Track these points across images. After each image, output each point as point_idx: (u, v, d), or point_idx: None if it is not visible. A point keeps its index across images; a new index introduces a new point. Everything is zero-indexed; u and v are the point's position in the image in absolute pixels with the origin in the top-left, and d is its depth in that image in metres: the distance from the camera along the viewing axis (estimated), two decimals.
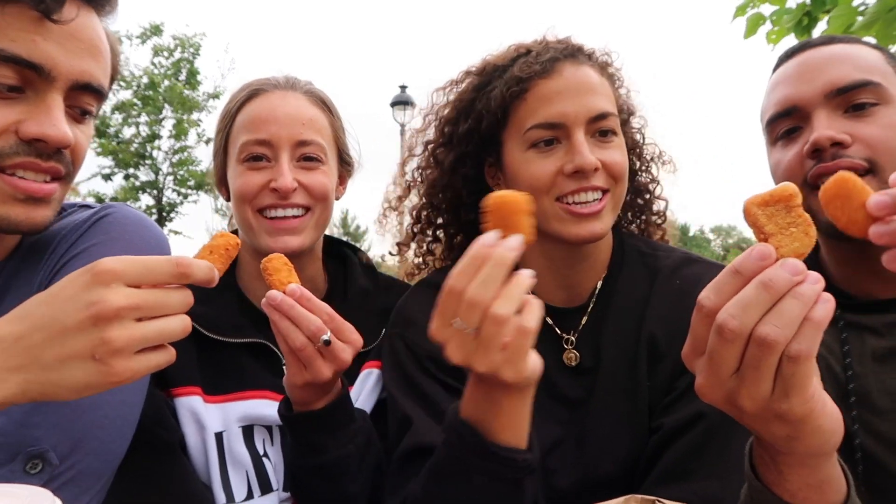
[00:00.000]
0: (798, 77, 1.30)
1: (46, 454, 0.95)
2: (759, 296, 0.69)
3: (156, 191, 18.21)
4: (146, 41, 18.07)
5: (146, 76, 17.70)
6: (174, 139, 18.24)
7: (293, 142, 1.37)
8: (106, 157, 17.53)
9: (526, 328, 0.84)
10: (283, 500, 1.35)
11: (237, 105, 1.43)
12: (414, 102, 15.51)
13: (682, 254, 1.35)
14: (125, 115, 17.72)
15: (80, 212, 1.21)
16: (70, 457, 0.98)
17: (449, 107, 1.40)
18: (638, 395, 1.22)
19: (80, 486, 0.99)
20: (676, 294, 1.25)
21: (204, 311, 1.33)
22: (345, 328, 1.12)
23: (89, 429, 1.01)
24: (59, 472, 0.96)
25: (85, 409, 1.01)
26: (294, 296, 1.08)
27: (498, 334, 0.82)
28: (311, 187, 1.38)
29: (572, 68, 1.25)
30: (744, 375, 0.71)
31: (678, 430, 1.15)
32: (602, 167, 1.22)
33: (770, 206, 0.75)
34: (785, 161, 1.30)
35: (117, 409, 1.05)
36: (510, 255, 0.83)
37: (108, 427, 1.03)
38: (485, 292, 0.82)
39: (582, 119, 1.22)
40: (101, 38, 1.08)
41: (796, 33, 3.79)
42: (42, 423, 0.97)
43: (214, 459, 1.31)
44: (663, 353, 1.22)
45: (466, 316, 0.82)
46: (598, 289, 1.33)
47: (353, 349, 1.13)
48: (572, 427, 1.24)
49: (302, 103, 1.41)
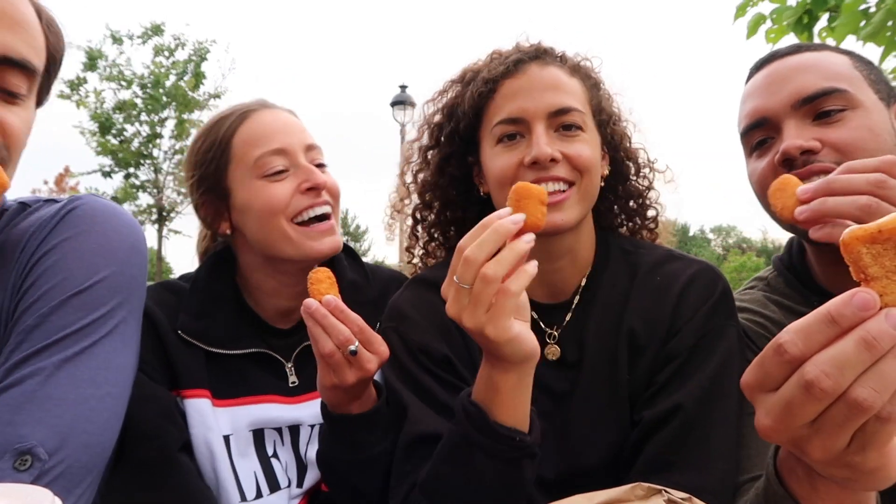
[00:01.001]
0: (766, 88, 1.34)
1: (35, 450, 0.95)
2: (858, 355, 0.62)
3: (156, 190, 18.24)
4: (147, 41, 18.11)
5: (151, 75, 17.76)
6: (175, 139, 18.28)
7: (304, 145, 1.44)
8: (106, 156, 17.56)
9: (508, 289, 0.95)
10: (293, 497, 1.40)
11: (230, 130, 1.45)
12: (414, 102, 15.54)
13: (665, 251, 1.39)
14: (126, 114, 17.75)
15: (46, 206, 1.18)
16: (58, 452, 0.97)
17: (438, 113, 1.49)
18: (618, 387, 1.26)
19: (71, 480, 0.99)
20: (655, 289, 1.30)
21: (203, 327, 1.39)
22: (374, 340, 1.19)
23: (76, 423, 1.00)
24: (49, 468, 0.96)
25: (70, 403, 1.00)
26: (328, 306, 1.16)
27: (484, 292, 0.94)
28: (331, 186, 1.45)
29: (537, 68, 1.31)
30: (821, 429, 0.66)
31: (658, 422, 1.18)
32: (565, 159, 1.26)
33: (878, 244, 0.64)
34: (759, 170, 1.34)
35: (103, 403, 1.05)
36: (509, 226, 0.95)
37: (95, 420, 1.03)
38: (479, 253, 0.94)
39: (542, 113, 1.27)
40: (17, 10, 1.02)
41: (796, 32, 3.77)
42: (28, 419, 0.96)
43: (224, 461, 1.34)
44: (643, 347, 1.27)
45: (462, 273, 0.96)
46: (581, 286, 1.37)
47: (378, 360, 1.19)
48: (556, 419, 1.28)
49: (289, 117, 1.50)
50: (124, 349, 1.11)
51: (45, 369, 1.00)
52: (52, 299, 1.05)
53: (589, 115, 1.33)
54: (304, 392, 1.45)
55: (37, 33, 1.06)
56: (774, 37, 3.84)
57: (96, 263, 1.09)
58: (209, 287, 1.46)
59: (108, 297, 1.09)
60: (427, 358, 1.29)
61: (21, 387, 0.99)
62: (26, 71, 1.03)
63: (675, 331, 1.24)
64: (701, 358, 1.21)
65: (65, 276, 1.07)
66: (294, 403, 1.44)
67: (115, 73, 17.67)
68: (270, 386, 1.42)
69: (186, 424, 1.34)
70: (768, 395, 0.68)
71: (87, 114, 17.30)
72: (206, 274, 1.48)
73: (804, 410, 0.65)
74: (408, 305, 1.37)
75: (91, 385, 1.04)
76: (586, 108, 1.33)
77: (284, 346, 1.47)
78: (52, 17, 1.10)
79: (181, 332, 1.37)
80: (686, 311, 1.25)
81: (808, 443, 0.67)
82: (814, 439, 0.67)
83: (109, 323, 1.09)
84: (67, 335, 1.03)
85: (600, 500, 0.76)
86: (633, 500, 0.76)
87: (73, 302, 1.05)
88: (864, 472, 0.68)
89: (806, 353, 0.65)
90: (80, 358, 1.04)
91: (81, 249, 1.10)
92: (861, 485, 0.72)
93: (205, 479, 1.34)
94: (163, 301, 1.41)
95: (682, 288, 1.27)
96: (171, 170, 18.32)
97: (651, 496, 0.75)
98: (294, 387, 1.45)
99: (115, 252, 1.12)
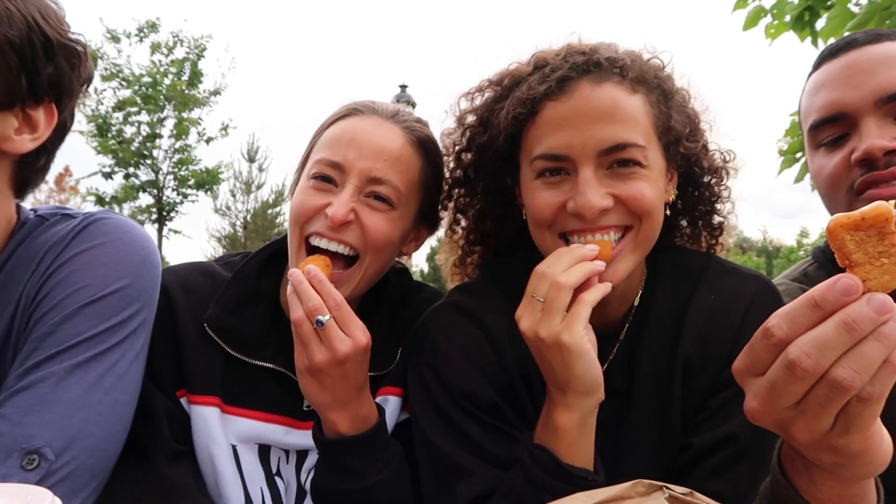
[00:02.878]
0: (846, 81, 1.23)
1: (42, 450, 0.96)
2: (839, 337, 0.64)
3: (156, 190, 18.23)
4: (144, 39, 18.08)
5: (148, 75, 17.73)
6: (174, 138, 18.27)
7: (366, 175, 1.24)
8: (106, 155, 17.55)
9: (583, 298, 0.99)
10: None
11: (330, 121, 1.35)
12: (414, 102, 15.53)
13: (717, 264, 1.27)
14: (125, 113, 17.74)
15: (63, 221, 1.20)
16: (65, 453, 0.99)
17: (471, 113, 1.31)
18: (671, 414, 1.18)
19: (77, 482, 1.00)
20: (713, 311, 1.20)
21: (233, 325, 1.29)
22: (350, 320, 1.12)
23: (83, 426, 1.02)
24: (56, 469, 0.97)
25: (79, 407, 1.02)
26: (308, 275, 1.11)
27: (558, 298, 0.97)
28: (367, 228, 1.24)
29: (588, 87, 1.09)
30: (805, 410, 0.67)
31: (708, 450, 1.12)
32: (618, 203, 1.08)
33: (861, 231, 0.66)
34: (829, 167, 1.26)
35: (111, 409, 1.06)
36: (586, 251, 1.01)
37: (102, 425, 1.04)
38: (555, 267, 1.00)
39: (591, 152, 1.07)
40: None
41: (796, 29, 3.77)
42: (37, 421, 0.98)
43: (232, 473, 1.28)
44: (696, 372, 1.18)
45: (537, 285, 1.00)
46: (633, 313, 1.25)
47: (352, 344, 1.10)
48: (604, 450, 1.18)
49: (394, 136, 1.28)
50: (134, 359, 1.13)
51: (56, 374, 1.02)
52: (65, 308, 1.07)
53: (653, 144, 1.12)
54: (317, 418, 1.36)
55: None
56: (774, 32, 3.84)
57: (109, 275, 1.12)
58: (253, 281, 1.34)
59: (121, 308, 1.11)
60: (471, 403, 1.16)
61: (32, 390, 1.00)
62: None
63: (736, 356, 1.18)
64: None
65: (78, 286, 1.09)
66: (304, 430, 1.32)
67: (115, 72, 17.65)
68: (284, 406, 1.32)
69: (189, 428, 1.28)
70: (756, 378, 0.71)
71: (86, 116, 17.28)
72: (256, 266, 1.36)
73: (788, 391, 0.67)
74: (443, 339, 1.22)
75: (100, 391, 1.05)
76: (650, 134, 1.11)
77: None
78: None
79: (207, 327, 1.27)
80: (749, 335, 1.15)
81: (793, 425, 0.69)
82: (798, 421, 0.68)
83: (121, 333, 1.11)
84: (79, 342, 1.05)
85: (602, 497, 0.76)
86: (634, 497, 0.76)
87: (86, 311, 1.08)
88: (850, 455, 0.70)
89: (790, 335, 0.67)
90: (91, 364, 1.06)
91: (95, 262, 1.13)
92: (849, 471, 0.73)
93: (206, 488, 1.29)
94: (192, 285, 1.31)
95: (744, 310, 1.17)
96: (170, 169, 18.32)
97: (652, 492, 0.75)
98: (308, 411, 1.33)
99: (127, 265, 1.15)
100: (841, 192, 1.26)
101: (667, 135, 1.15)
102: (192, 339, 1.28)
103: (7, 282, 1.12)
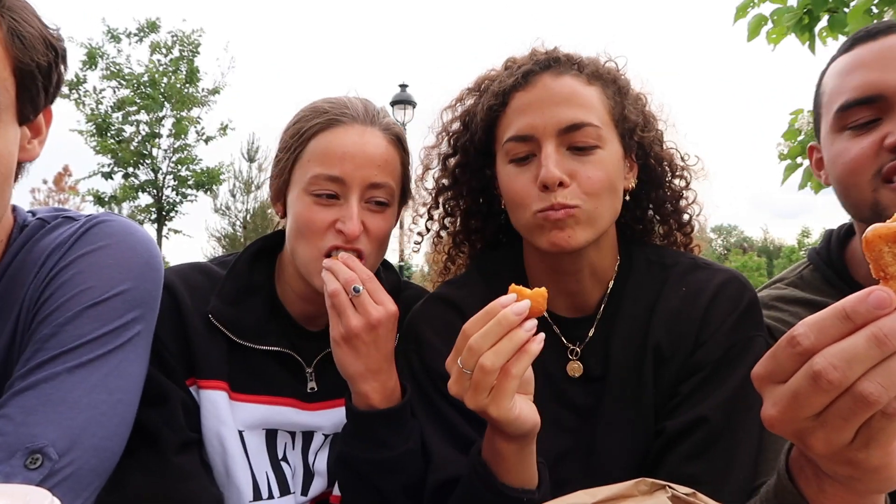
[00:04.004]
0: (885, 63, 1.20)
1: (45, 449, 0.96)
2: (868, 351, 0.62)
3: (155, 190, 18.22)
4: (143, 39, 18.07)
5: (147, 74, 17.72)
6: (174, 138, 18.26)
7: (365, 184, 1.34)
8: (105, 155, 17.53)
9: (509, 371, 0.96)
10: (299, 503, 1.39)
11: (311, 131, 1.38)
12: (414, 101, 15.53)
13: (689, 259, 1.34)
14: (124, 113, 17.73)
15: (65, 224, 1.19)
16: (69, 453, 0.99)
17: (456, 121, 1.45)
18: (643, 401, 1.24)
19: (80, 482, 1.00)
20: (681, 300, 1.26)
21: (233, 315, 1.36)
22: (380, 291, 1.25)
23: (87, 426, 1.02)
24: (59, 468, 0.97)
25: (82, 407, 1.02)
26: (342, 258, 1.27)
27: (483, 380, 0.96)
28: (372, 231, 1.36)
29: (549, 79, 1.24)
30: (826, 421, 0.66)
31: (680, 434, 1.17)
32: (575, 179, 1.19)
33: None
34: (854, 151, 1.21)
35: (114, 409, 1.07)
36: (512, 318, 0.96)
37: (106, 425, 1.04)
38: (482, 343, 0.96)
39: (552, 130, 1.20)
40: None
41: (797, 33, 3.78)
42: (40, 420, 0.98)
43: (236, 457, 1.32)
44: (667, 358, 1.24)
45: (465, 359, 0.98)
46: (605, 300, 1.33)
47: (384, 311, 1.23)
48: (581, 436, 1.27)
49: (379, 142, 1.37)
50: (137, 360, 1.14)
51: (60, 374, 1.02)
52: (68, 310, 1.07)
53: (609, 128, 1.24)
54: (322, 399, 1.43)
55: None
56: (776, 37, 3.85)
57: (113, 277, 1.12)
58: (247, 275, 1.43)
59: (124, 311, 1.12)
60: None
61: (35, 390, 1.00)
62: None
63: (702, 342, 1.22)
64: (726, 369, 1.19)
65: (81, 288, 1.09)
66: (310, 410, 1.42)
67: (115, 71, 17.64)
68: (289, 388, 1.40)
69: (199, 416, 1.31)
70: (777, 386, 0.69)
71: (85, 115, 17.26)
72: (246, 261, 1.45)
73: (810, 402, 0.65)
74: (426, 327, 1.33)
75: (104, 391, 1.06)
76: (605, 120, 1.24)
77: (308, 349, 1.44)
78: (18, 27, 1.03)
79: (212, 318, 1.34)
80: (713, 323, 1.23)
81: (811, 435, 0.68)
82: (818, 432, 0.67)
83: (124, 335, 1.11)
84: (82, 344, 1.05)
85: (604, 495, 0.76)
86: (636, 496, 0.76)
87: (90, 313, 1.08)
88: (868, 469, 0.68)
89: (817, 345, 0.65)
90: (94, 365, 1.06)
91: (99, 264, 1.12)
92: (864, 485, 0.72)
93: (214, 474, 1.32)
94: (192, 283, 1.38)
95: (709, 299, 1.24)
96: (170, 169, 18.31)
97: (655, 491, 0.76)
98: (312, 393, 1.43)
99: (131, 267, 1.15)
100: (864, 177, 1.22)
101: (622, 124, 1.28)
102: (198, 330, 1.33)
103: (10, 287, 1.12)
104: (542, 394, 1.21)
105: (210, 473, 1.32)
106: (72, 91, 17.18)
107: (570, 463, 1.25)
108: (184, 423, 1.28)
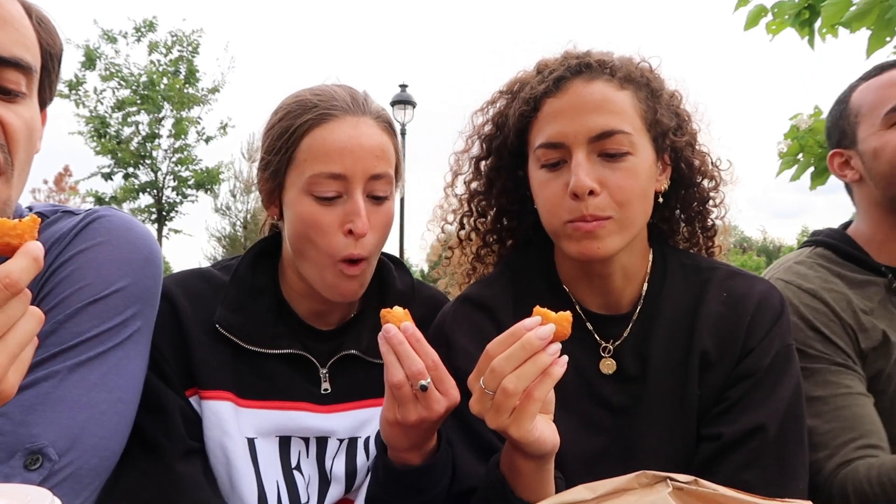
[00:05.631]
0: None
1: (45, 450, 0.96)
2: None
3: (155, 190, 18.21)
4: (141, 39, 18.03)
5: (145, 75, 17.69)
6: (174, 138, 18.24)
7: (367, 175, 1.29)
8: (105, 156, 17.53)
9: (531, 395, 0.97)
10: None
11: (304, 127, 1.32)
12: (414, 102, 15.51)
13: (723, 266, 1.37)
14: (124, 113, 17.71)
15: (65, 219, 1.18)
16: (68, 453, 0.98)
17: (488, 123, 1.44)
18: (687, 403, 1.25)
19: (80, 482, 1.00)
20: (724, 306, 1.28)
21: (239, 321, 1.31)
22: (446, 380, 1.12)
23: (87, 426, 1.01)
24: (59, 469, 0.97)
25: (82, 406, 1.02)
26: (406, 332, 1.10)
27: (505, 403, 0.97)
28: (376, 227, 1.32)
29: (580, 85, 1.23)
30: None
31: (737, 441, 1.18)
32: (606, 188, 1.19)
33: None
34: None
35: (114, 408, 1.06)
36: (536, 343, 0.96)
37: (105, 424, 1.04)
38: (505, 366, 0.96)
39: (582, 139, 1.20)
40: (3, 9, 0.99)
41: (796, 27, 3.77)
42: (40, 420, 0.98)
43: (242, 468, 1.27)
44: (713, 364, 1.25)
45: (488, 380, 0.98)
46: (641, 300, 1.33)
47: (447, 403, 1.11)
48: (618, 436, 1.27)
49: (374, 131, 1.32)
50: (137, 358, 1.13)
51: (59, 373, 1.02)
52: (67, 307, 1.06)
53: (640, 133, 1.24)
54: (337, 402, 1.37)
55: (27, 31, 1.03)
56: (776, 29, 3.84)
57: (113, 274, 1.11)
58: (250, 279, 1.38)
59: (124, 307, 1.11)
60: None
61: (34, 389, 1.00)
62: (21, 69, 1.00)
63: (749, 349, 1.24)
64: (776, 378, 1.22)
65: (81, 285, 1.08)
66: (325, 413, 1.35)
67: (114, 72, 17.62)
68: (302, 392, 1.34)
69: (200, 427, 1.27)
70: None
71: (85, 115, 17.25)
72: (248, 265, 1.40)
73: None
74: (457, 330, 1.32)
75: (103, 390, 1.05)
76: (637, 125, 1.23)
77: (321, 350, 1.38)
78: (43, 15, 1.07)
79: (219, 328, 1.30)
80: (759, 331, 1.25)
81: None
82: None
83: (124, 332, 1.10)
84: (82, 341, 1.05)
85: (605, 489, 0.76)
86: (637, 488, 0.75)
87: (89, 310, 1.07)
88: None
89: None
90: (94, 363, 1.05)
91: (98, 260, 1.12)
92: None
93: (218, 484, 1.28)
94: (193, 291, 1.34)
95: (755, 307, 1.26)
96: (170, 169, 18.29)
97: (655, 483, 0.75)
98: (326, 395, 1.36)
99: (131, 263, 1.14)
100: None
101: (655, 127, 1.27)
102: (199, 340, 1.29)
103: None
104: (573, 391, 1.22)
105: (214, 484, 1.28)
106: (72, 91, 17.17)
107: (608, 463, 1.22)
108: (184, 433, 1.24)
